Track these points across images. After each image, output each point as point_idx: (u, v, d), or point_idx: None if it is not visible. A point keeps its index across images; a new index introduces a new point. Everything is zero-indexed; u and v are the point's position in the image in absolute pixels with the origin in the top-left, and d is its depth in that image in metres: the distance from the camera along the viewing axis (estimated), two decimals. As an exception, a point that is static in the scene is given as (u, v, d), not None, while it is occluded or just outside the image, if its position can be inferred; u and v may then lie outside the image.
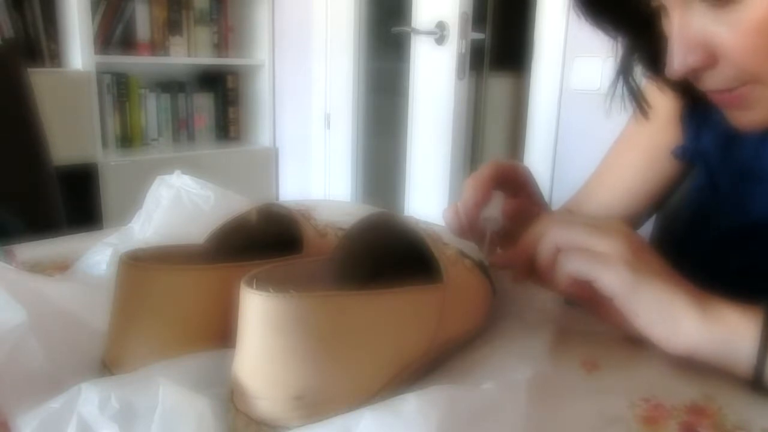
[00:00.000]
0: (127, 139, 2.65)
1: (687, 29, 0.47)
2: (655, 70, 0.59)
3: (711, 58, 0.48)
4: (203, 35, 2.76)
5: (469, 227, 0.57)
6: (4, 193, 1.21)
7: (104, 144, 2.46)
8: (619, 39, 0.58)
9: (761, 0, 0.43)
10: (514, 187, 0.61)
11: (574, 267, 0.46)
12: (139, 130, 2.68)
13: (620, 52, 0.59)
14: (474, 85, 3.00)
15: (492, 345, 0.48)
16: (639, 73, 0.61)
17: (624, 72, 0.60)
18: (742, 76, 0.48)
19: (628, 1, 0.52)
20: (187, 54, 2.71)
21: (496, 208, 0.57)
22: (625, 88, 0.61)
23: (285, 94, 2.84)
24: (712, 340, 0.43)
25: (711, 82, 0.50)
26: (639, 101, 0.61)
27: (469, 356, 0.46)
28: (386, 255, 0.45)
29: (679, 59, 0.48)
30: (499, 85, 3.21)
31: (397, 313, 0.39)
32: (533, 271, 0.51)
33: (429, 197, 2.29)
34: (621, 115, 0.66)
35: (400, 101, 2.36)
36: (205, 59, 2.78)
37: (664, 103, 0.66)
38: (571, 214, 0.60)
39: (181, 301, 0.41)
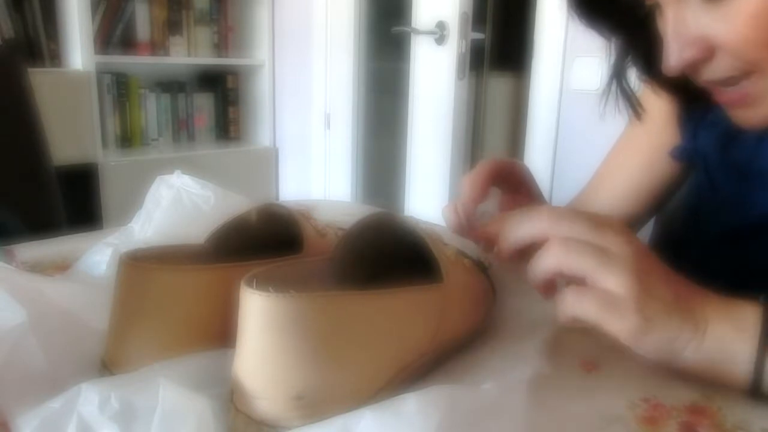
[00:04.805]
0: (127, 139, 2.65)
1: (682, 25, 0.47)
2: (649, 71, 0.59)
3: (707, 52, 0.48)
4: (203, 35, 2.75)
5: (467, 223, 0.57)
6: (4, 193, 1.21)
7: (104, 144, 2.46)
8: (613, 41, 0.58)
9: None
10: (513, 184, 0.61)
11: (581, 309, 0.42)
12: (139, 130, 2.68)
13: (614, 55, 0.59)
14: (474, 85, 3.00)
15: (492, 345, 0.48)
16: (633, 76, 0.61)
17: (618, 75, 0.60)
18: (740, 66, 0.48)
19: (622, 1, 0.52)
20: (187, 54, 2.71)
21: (493, 205, 0.57)
22: (619, 91, 0.61)
23: (285, 94, 2.84)
24: (708, 363, 0.42)
25: (709, 74, 0.50)
26: (633, 104, 0.62)
27: (469, 356, 0.46)
28: (386, 255, 0.45)
29: (674, 55, 0.48)
30: (499, 85, 3.21)
31: (397, 313, 0.39)
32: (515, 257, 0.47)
33: (429, 197, 2.29)
34: (620, 116, 0.66)
35: (400, 101, 2.36)
36: (205, 59, 2.78)
37: (660, 105, 0.66)
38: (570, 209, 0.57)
39: (181, 301, 0.41)
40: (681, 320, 0.42)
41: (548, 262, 0.43)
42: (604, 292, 0.41)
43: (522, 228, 0.45)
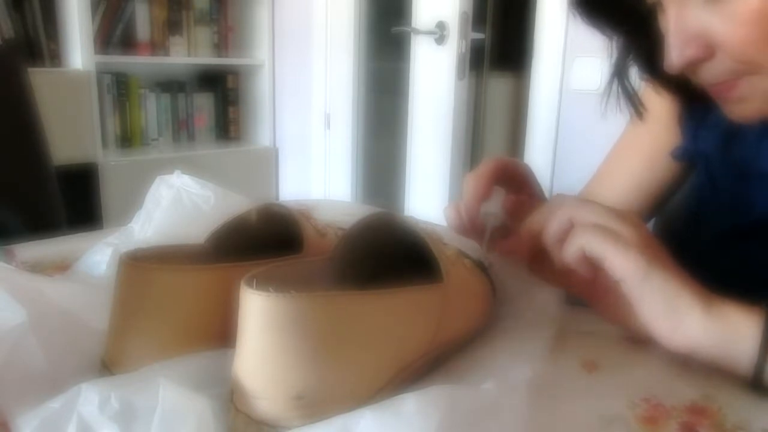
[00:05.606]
0: (127, 139, 2.65)
1: (684, 23, 0.48)
2: (650, 70, 0.59)
3: (708, 51, 0.48)
4: (203, 35, 2.75)
5: (470, 223, 0.56)
6: (4, 193, 1.21)
7: (104, 144, 2.46)
8: (615, 39, 0.58)
9: None
10: (516, 183, 0.61)
11: (588, 243, 0.44)
12: (139, 130, 2.68)
13: (615, 54, 0.59)
14: (474, 85, 3.00)
15: (492, 345, 0.48)
16: (635, 75, 0.61)
17: (619, 73, 0.60)
18: (739, 68, 0.48)
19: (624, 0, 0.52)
20: (187, 54, 2.71)
21: (496, 204, 0.57)
22: (620, 90, 0.61)
23: (285, 94, 2.84)
24: (713, 339, 0.43)
25: (708, 76, 0.50)
26: (634, 102, 0.62)
27: (469, 356, 0.46)
28: (386, 255, 0.45)
29: (676, 52, 0.48)
30: (499, 85, 3.21)
31: (397, 313, 0.39)
32: (537, 257, 0.50)
33: (429, 197, 2.29)
34: (620, 116, 0.66)
35: (400, 101, 2.36)
36: (205, 59, 2.78)
37: (662, 105, 0.66)
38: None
39: (181, 301, 0.41)
40: (680, 286, 0.44)
41: (573, 245, 0.45)
42: (612, 231, 0.44)
43: (550, 221, 0.48)
